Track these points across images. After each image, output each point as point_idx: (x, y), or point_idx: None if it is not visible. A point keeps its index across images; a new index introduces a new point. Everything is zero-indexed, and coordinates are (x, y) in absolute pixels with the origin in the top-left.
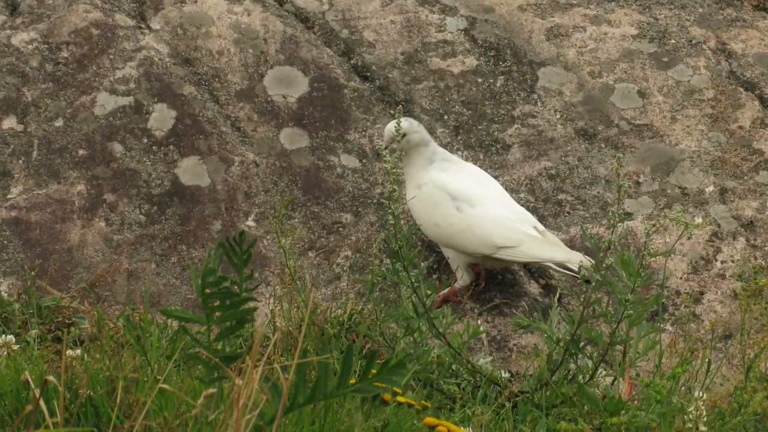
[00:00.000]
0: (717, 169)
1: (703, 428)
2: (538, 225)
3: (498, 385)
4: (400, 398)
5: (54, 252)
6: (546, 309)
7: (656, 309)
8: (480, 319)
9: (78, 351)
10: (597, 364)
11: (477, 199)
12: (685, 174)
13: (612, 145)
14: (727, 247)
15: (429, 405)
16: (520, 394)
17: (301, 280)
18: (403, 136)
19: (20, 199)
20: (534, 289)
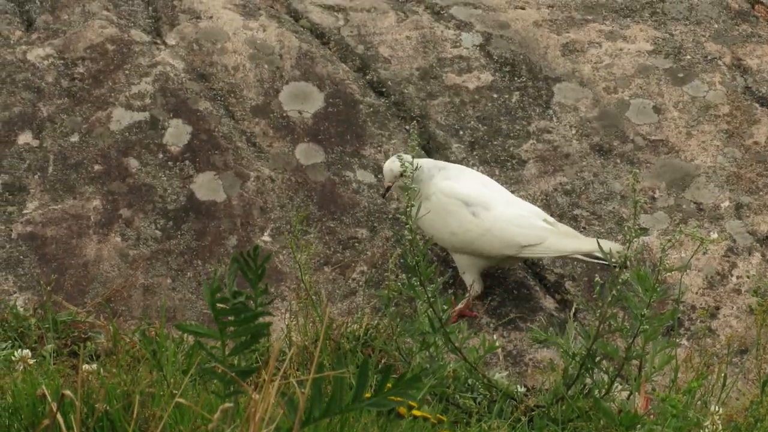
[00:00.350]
0: (732, 185)
1: None
2: (548, 217)
3: (514, 400)
4: (416, 412)
5: (70, 267)
6: (562, 324)
7: (672, 324)
8: (496, 334)
9: (94, 366)
10: (613, 379)
11: (490, 202)
12: (701, 189)
13: (627, 161)
14: (743, 263)
15: (445, 419)
16: (536, 409)
17: (317, 295)
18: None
19: (36, 215)
20: (550, 304)
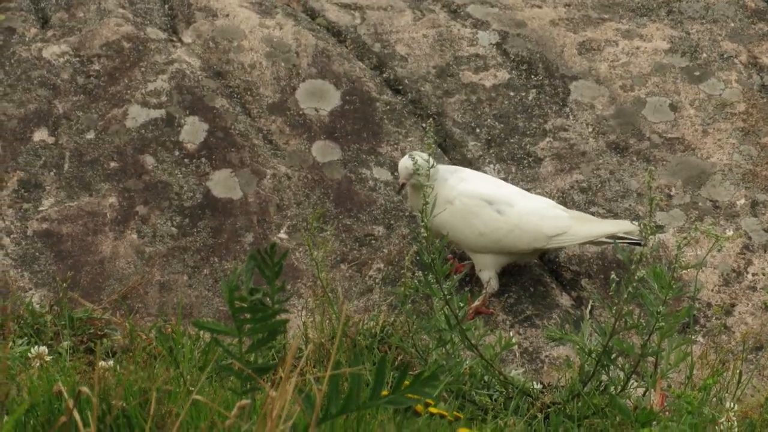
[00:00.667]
0: (748, 183)
1: None
2: (561, 207)
3: (530, 397)
4: (433, 409)
5: (86, 264)
6: (577, 321)
7: (688, 321)
8: (512, 331)
9: (110, 362)
10: (629, 376)
11: (511, 198)
12: (717, 187)
13: (643, 159)
14: (759, 260)
15: (461, 416)
16: (552, 405)
17: (334, 293)
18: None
19: (52, 212)
20: (566, 301)
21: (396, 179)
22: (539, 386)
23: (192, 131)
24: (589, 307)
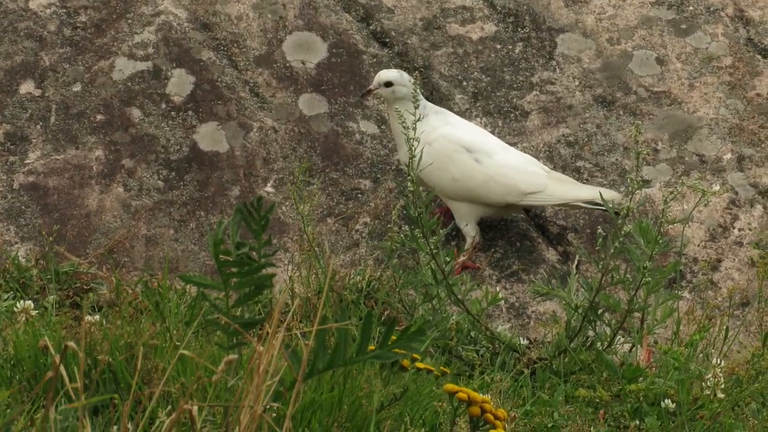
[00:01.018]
0: (735, 137)
1: (721, 395)
2: (542, 165)
3: (516, 352)
4: (419, 364)
5: (72, 218)
6: (564, 276)
7: (674, 276)
8: (498, 286)
9: (97, 317)
10: (615, 332)
11: (491, 149)
12: (703, 141)
13: (630, 113)
14: (745, 215)
15: (448, 371)
16: (539, 361)
17: (320, 247)
18: (389, 85)
19: (38, 165)
20: (552, 256)
21: (384, 132)
22: (526, 342)
23: (179, 84)
24: (576, 262)
